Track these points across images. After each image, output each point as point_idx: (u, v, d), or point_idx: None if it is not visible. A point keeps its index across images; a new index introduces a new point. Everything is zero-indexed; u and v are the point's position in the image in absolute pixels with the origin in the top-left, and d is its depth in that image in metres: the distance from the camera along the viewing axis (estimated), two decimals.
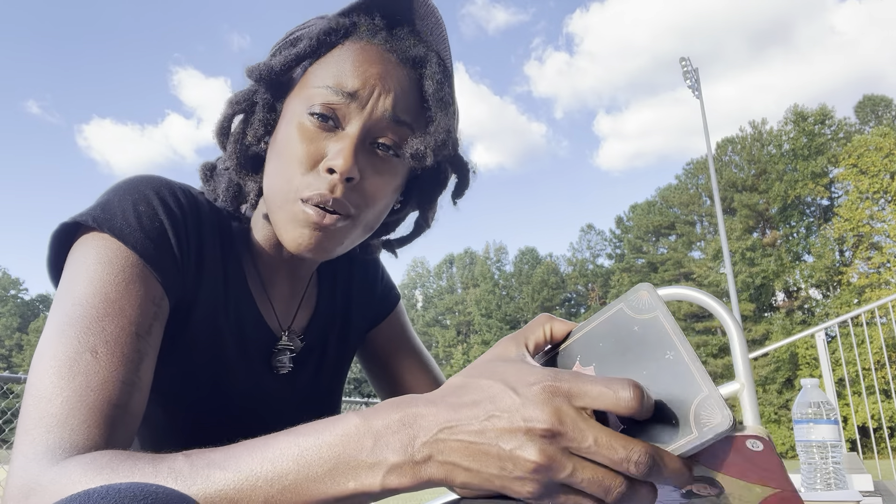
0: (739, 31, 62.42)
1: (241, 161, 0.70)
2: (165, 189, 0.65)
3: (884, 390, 10.75)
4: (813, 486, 1.17)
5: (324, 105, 0.64)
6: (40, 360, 0.53)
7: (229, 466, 0.42)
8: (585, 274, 44.35)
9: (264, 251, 0.74)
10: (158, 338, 0.60)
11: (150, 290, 0.59)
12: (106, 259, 0.58)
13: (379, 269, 0.93)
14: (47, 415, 0.49)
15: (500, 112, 74.67)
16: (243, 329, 0.72)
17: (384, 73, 0.65)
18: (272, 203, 0.67)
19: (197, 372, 0.68)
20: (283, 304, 0.77)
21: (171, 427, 0.70)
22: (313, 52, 0.66)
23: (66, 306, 0.55)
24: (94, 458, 0.45)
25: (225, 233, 0.72)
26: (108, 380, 0.52)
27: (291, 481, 0.41)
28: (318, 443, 0.42)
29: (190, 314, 0.67)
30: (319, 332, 0.81)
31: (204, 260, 0.67)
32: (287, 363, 0.76)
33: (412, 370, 0.89)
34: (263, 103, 0.69)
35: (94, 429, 0.50)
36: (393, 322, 0.92)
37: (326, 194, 0.63)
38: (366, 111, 0.64)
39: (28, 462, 0.47)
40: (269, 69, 0.67)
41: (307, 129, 0.65)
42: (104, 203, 0.62)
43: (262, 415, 0.74)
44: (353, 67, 0.64)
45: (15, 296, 47.35)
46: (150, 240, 0.61)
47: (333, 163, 0.63)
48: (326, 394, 0.83)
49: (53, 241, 0.62)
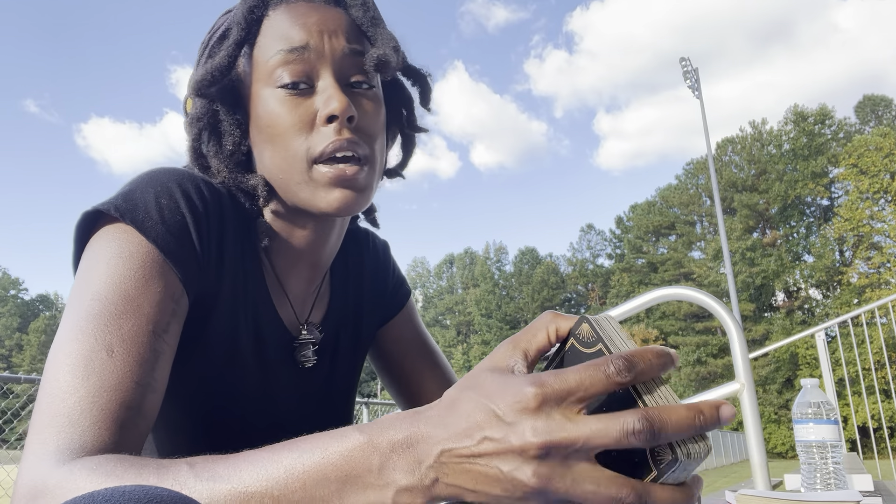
0: (742, 29, 62.43)
1: (231, 170, 0.68)
2: (189, 182, 0.64)
3: (884, 390, 10.74)
4: (813, 486, 1.17)
5: (288, 71, 0.64)
6: (56, 356, 0.52)
7: (233, 480, 0.42)
8: (585, 274, 44.36)
9: (282, 244, 0.72)
10: (176, 336, 0.59)
11: (169, 287, 0.58)
12: (126, 253, 0.57)
13: (390, 262, 0.91)
14: (59, 414, 0.49)
15: (500, 111, 74.71)
16: (260, 325, 0.71)
17: (321, 19, 0.66)
18: (288, 183, 0.66)
19: (215, 370, 0.68)
20: (300, 298, 0.76)
21: (188, 424, 0.69)
22: (248, 32, 0.66)
23: (84, 301, 0.55)
24: (100, 462, 0.45)
25: (246, 227, 0.71)
26: (123, 380, 0.52)
27: (298, 501, 0.40)
28: (324, 462, 0.41)
29: (210, 311, 0.66)
30: (333, 328, 0.80)
31: (224, 255, 0.66)
32: (311, 356, 0.75)
33: (423, 368, 0.88)
34: (226, 108, 0.68)
35: (105, 431, 0.49)
36: (404, 318, 0.90)
37: (338, 140, 0.63)
38: (326, 56, 0.65)
39: (37, 461, 0.47)
40: (219, 69, 0.65)
41: (286, 101, 0.64)
42: (127, 193, 0.60)
43: (279, 411, 0.73)
44: (292, 24, 0.65)
45: (15, 296, 47.36)
46: (171, 234, 0.60)
47: (329, 109, 0.63)
48: (343, 390, 0.82)
49: (77, 231, 0.61)
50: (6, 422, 4.19)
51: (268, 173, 0.68)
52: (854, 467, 2.79)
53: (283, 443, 0.44)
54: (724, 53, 63.76)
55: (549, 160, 74.42)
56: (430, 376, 0.88)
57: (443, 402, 0.42)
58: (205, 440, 0.69)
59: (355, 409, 5.35)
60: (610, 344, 0.41)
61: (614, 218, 46.13)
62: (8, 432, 4.12)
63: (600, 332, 0.42)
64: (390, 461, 0.40)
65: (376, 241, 0.91)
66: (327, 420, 0.78)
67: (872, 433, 4.96)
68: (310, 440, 0.43)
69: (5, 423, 4.18)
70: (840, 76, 57.62)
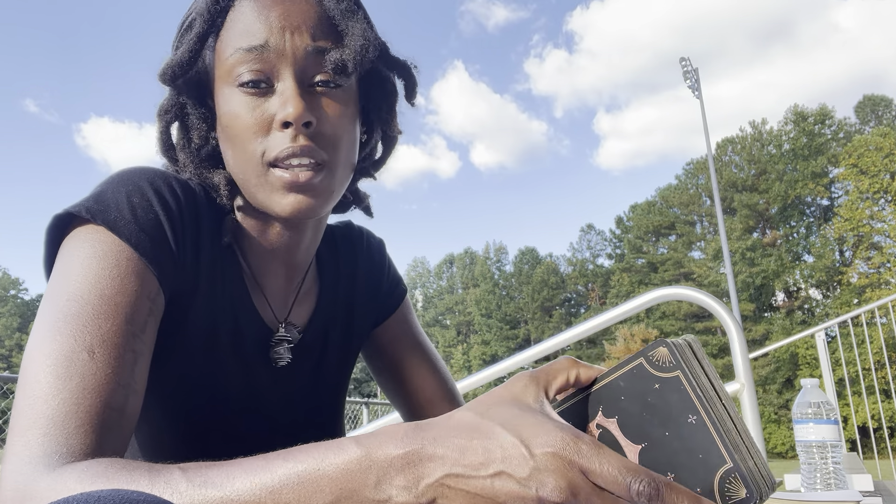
0: (742, 29, 62.44)
1: (198, 165, 0.68)
2: (160, 180, 0.63)
3: (884, 390, 10.73)
4: (813, 486, 1.17)
5: (247, 70, 0.62)
6: (34, 357, 0.52)
7: (226, 487, 0.41)
8: (585, 274, 44.34)
9: (254, 242, 0.72)
10: (153, 335, 0.59)
11: (145, 286, 0.58)
12: (100, 252, 0.57)
13: (385, 262, 0.90)
14: (43, 417, 0.48)
15: (500, 110, 74.66)
16: (238, 323, 0.71)
17: (285, 12, 0.62)
18: (246, 184, 0.65)
19: (195, 368, 0.67)
20: (279, 296, 0.75)
21: (168, 424, 0.69)
22: (211, 24, 0.64)
23: (59, 301, 0.54)
24: (90, 466, 0.45)
25: (220, 225, 0.70)
26: (105, 382, 0.51)
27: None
28: (319, 474, 0.41)
29: (187, 309, 0.65)
30: (321, 327, 0.79)
31: (200, 253, 0.66)
32: (285, 354, 0.74)
33: (419, 369, 0.87)
34: (193, 101, 0.67)
35: (91, 433, 0.49)
36: (399, 318, 0.89)
37: (291, 146, 0.61)
38: (287, 56, 0.62)
39: (23, 465, 0.46)
40: (180, 64, 0.64)
41: (244, 101, 0.63)
42: (98, 194, 0.60)
43: (262, 411, 0.73)
44: (254, 19, 0.62)
45: (15, 296, 47.35)
46: (144, 232, 0.59)
47: (284, 114, 0.61)
48: (330, 390, 0.81)
49: (49, 234, 0.61)
50: (6, 422, 4.20)
51: (231, 171, 0.67)
52: (854, 467, 2.79)
53: (278, 451, 0.43)
54: (724, 53, 63.82)
55: (549, 160, 74.43)
56: (425, 378, 0.87)
57: (453, 424, 0.41)
58: (186, 440, 0.68)
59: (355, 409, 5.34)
60: (690, 373, 0.40)
61: (614, 218, 46.10)
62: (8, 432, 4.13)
63: (681, 359, 0.41)
64: (387, 476, 0.40)
65: (371, 241, 0.90)
66: (311, 420, 0.78)
67: (872, 433, 4.95)
68: (305, 450, 0.43)
69: (5, 423, 4.19)
70: (841, 76, 57.62)
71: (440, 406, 0.86)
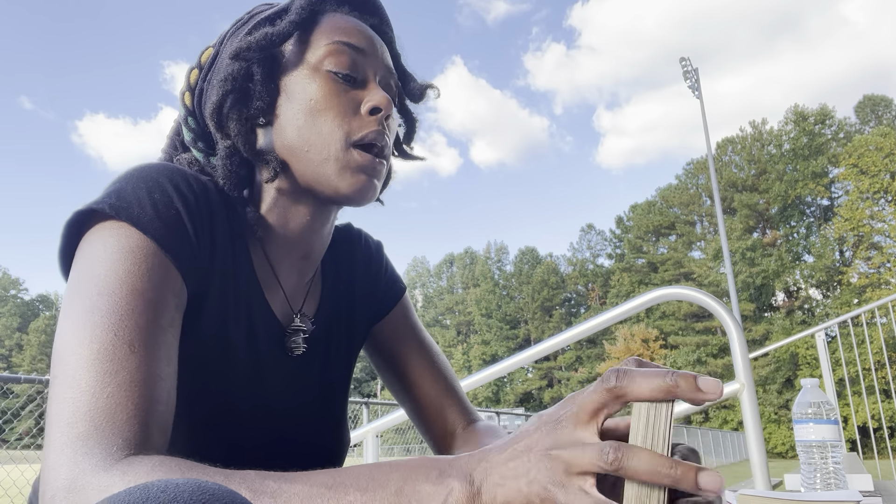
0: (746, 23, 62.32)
1: (248, 138, 0.70)
2: (178, 176, 0.65)
3: (884, 390, 10.75)
4: (813, 486, 1.17)
5: (344, 61, 0.71)
6: (73, 350, 0.52)
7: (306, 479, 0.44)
8: (585, 274, 44.36)
9: (274, 234, 0.73)
10: (179, 329, 0.60)
11: (171, 281, 0.59)
12: (128, 248, 0.57)
13: (383, 260, 0.92)
14: (94, 408, 0.49)
15: (500, 106, 74.70)
16: (252, 316, 0.72)
17: (374, 36, 0.75)
18: (313, 159, 0.69)
19: (208, 361, 0.68)
20: (292, 290, 0.77)
21: (181, 418, 0.69)
22: (307, 19, 0.71)
23: (91, 295, 0.54)
24: (160, 463, 0.46)
25: (233, 218, 0.71)
26: (148, 375, 0.52)
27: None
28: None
29: (202, 303, 0.66)
30: (324, 323, 0.81)
31: (216, 247, 0.67)
32: (301, 344, 0.76)
33: (420, 364, 0.89)
34: (262, 77, 0.70)
35: (141, 426, 0.50)
36: (398, 315, 0.91)
37: (377, 129, 0.70)
38: (378, 66, 0.74)
39: (77, 456, 0.47)
40: (269, 41, 0.69)
41: (334, 86, 0.70)
42: (118, 191, 0.60)
43: (274, 403, 0.73)
44: (353, 29, 0.73)
45: (15, 296, 47.38)
46: (167, 228, 0.60)
47: (376, 101, 0.70)
48: (336, 384, 0.83)
49: (68, 229, 0.61)
50: (6, 422, 4.19)
51: (287, 149, 0.69)
52: (854, 467, 2.79)
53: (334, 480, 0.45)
54: (727, 48, 63.69)
55: (549, 157, 74.53)
56: (426, 372, 0.88)
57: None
58: (196, 432, 0.68)
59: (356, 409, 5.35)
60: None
61: (614, 218, 46.17)
62: (8, 432, 4.12)
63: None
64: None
65: (369, 241, 0.92)
66: (321, 413, 0.79)
67: (872, 433, 4.95)
68: (353, 479, 0.45)
69: (5, 423, 4.18)
70: (846, 71, 57.55)
71: (441, 401, 0.87)
